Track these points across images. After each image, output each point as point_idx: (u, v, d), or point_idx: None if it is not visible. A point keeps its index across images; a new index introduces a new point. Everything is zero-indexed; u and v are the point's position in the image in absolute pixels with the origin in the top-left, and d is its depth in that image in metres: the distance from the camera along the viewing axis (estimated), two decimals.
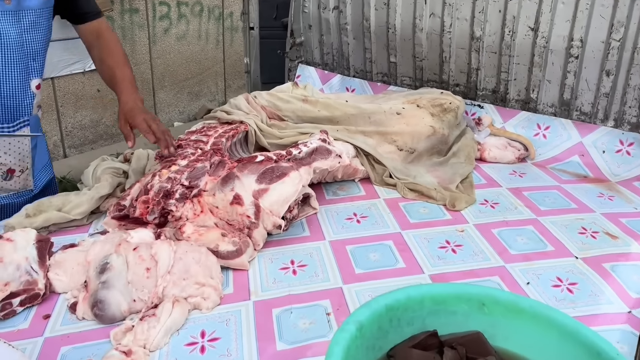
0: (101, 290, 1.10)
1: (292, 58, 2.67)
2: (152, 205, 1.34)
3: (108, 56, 1.60)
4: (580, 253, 1.35)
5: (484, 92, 2.15)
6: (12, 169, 1.50)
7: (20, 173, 1.54)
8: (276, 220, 1.30)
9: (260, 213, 1.30)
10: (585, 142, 1.93)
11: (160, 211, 1.34)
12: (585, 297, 1.18)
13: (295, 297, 1.16)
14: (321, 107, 1.87)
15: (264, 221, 1.30)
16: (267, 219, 1.30)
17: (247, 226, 1.30)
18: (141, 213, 1.34)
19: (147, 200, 1.35)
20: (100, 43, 1.61)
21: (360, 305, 0.89)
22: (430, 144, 1.83)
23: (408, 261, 1.30)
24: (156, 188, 1.37)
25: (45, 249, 1.22)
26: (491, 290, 0.95)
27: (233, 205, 1.31)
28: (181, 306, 1.09)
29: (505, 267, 1.28)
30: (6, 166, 1.50)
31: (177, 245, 1.20)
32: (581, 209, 1.58)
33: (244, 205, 1.31)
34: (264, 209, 1.30)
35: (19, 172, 1.52)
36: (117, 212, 1.37)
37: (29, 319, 1.10)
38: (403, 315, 0.92)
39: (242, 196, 1.32)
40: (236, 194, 1.32)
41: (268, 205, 1.31)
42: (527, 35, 1.93)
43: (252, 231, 1.29)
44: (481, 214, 1.54)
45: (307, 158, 1.54)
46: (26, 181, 1.59)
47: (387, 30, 2.26)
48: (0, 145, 1.47)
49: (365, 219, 1.50)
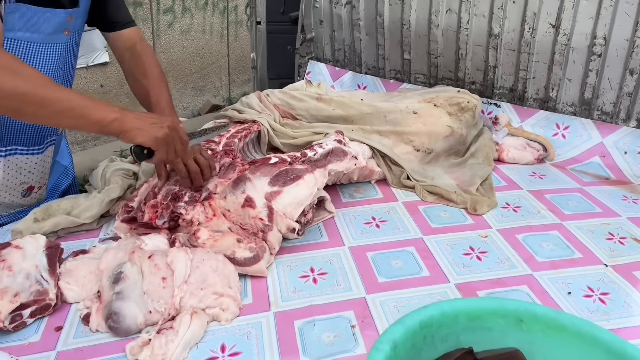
0: (116, 301, 1.05)
1: (303, 54, 2.61)
2: (160, 209, 1.29)
3: (142, 75, 1.45)
4: (610, 260, 1.30)
5: (500, 91, 2.09)
6: (32, 187, 1.47)
7: (38, 189, 1.50)
8: (290, 223, 1.25)
9: (274, 215, 1.25)
10: (606, 142, 1.87)
11: (169, 215, 1.29)
12: (619, 308, 1.13)
13: (317, 308, 1.11)
14: (336, 106, 1.82)
15: (277, 224, 1.25)
16: (280, 221, 1.25)
17: (260, 229, 1.25)
18: (150, 218, 1.29)
19: (156, 204, 1.30)
20: (133, 58, 1.48)
21: (393, 322, 0.84)
22: (448, 144, 1.78)
23: (432, 269, 1.25)
24: (164, 191, 1.33)
25: (56, 256, 1.17)
26: (529, 305, 0.91)
27: (245, 208, 1.26)
28: (200, 318, 1.04)
29: (533, 276, 1.24)
30: (27, 184, 1.46)
31: (194, 253, 1.15)
32: (606, 213, 1.53)
33: (256, 208, 1.26)
34: (277, 212, 1.25)
35: (37, 189, 1.49)
36: (125, 214, 1.32)
37: (40, 331, 1.05)
38: (437, 332, 0.87)
39: (254, 199, 1.27)
40: (247, 197, 1.27)
41: (281, 208, 1.27)
42: (548, 33, 1.87)
43: (266, 234, 1.24)
44: (504, 218, 1.49)
45: (322, 160, 1.49)
46: (40, 196, 1.55)
47: (402, 26, 2.20)
48: (26, 165, 1.43)
49: (385, 223, 1.45)
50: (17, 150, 1.39)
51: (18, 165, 1.40)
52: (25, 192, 1.46)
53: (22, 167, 1.41)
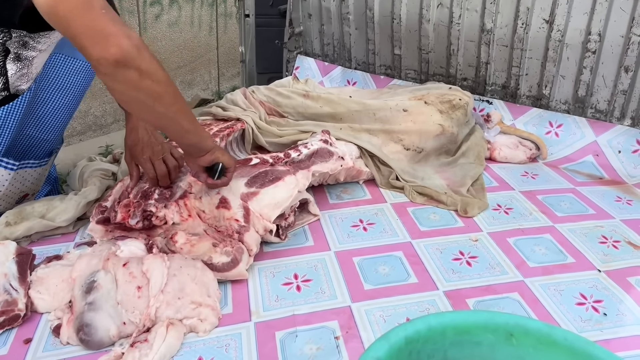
0: (87, 312, 1.00)
1: (291, 49, 2.55)
2: (132, 208, 1.24)
3: None
4: (603, 265, 1.26)
5: (493, 87, 2.04)
6: (26, 194, 1.44)
7: (32, 195, 1.47)
8: (267, 224, 1.20)
9: (250, 216, 1.20)
10: (600, 141, 1.84)
11: (141, 214, 1.24)
12: (613, 317, 1.10)
13: (300, 318, 1.06)
14: (323, 103, 1.76)
15: (254, 225, 1.20)
16: (257, 222, 1.20)
17: (236, 231, 1.20)
18: (123, 217, 1.24)
19: (128, 203, 1.25)
20: None
21: (377, 338, 0.80)
22: (438, 143, 1.73)
23: (420, 275, 1.21)
24: (135, 190, 1.29)
25: (27, 264, 1.12)
26: (520, 319, 0.87)
27: (219, 209, 1.22)
28: (176, 329, 0.99)
29: (524, 282, 1.20)
30: (24, 192, 1.43)
31: (171, 260, 1.10)
32: (600, 214, 1.49)
33: (231, 209, 1.21)
34: (254, 212, 1.21)
35: (30, 196, 1.46)
36: (99, 214, 1.26)
37: (8, 343, 1.00)
38: (423, 348, 0.83)
39: (229, 199, 1.22)
40: (222, 197, 1.23)
41: (258, 209, 1.22)
42: (542, 28, 1.82)
43: (242, 235, 1.19)
44: (495, 220, 1.45)
45: (306, 161, 1.44)
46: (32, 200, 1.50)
47: (392, 20, 2.15)
48: (31, 176, 1.39)
49: (372, 226, 1.41)
50: (29, 164, 1.35)
51: (24, 177, 1.38)
52: (20, 199, 1.43)
53: (26, 179, 1.39)
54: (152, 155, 1.26)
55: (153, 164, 1.26)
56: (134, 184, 1.30)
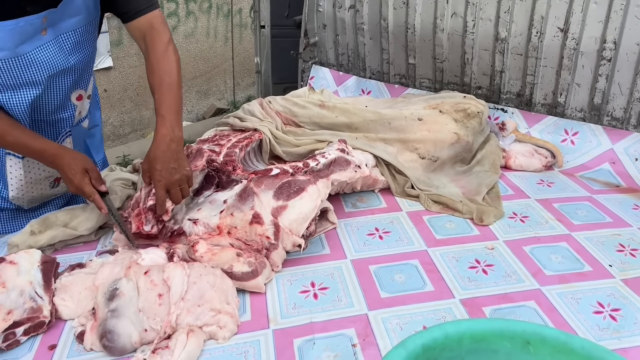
0: (110, 319, 1.02)
1: (306, 59, 2.58)
2: (144, 215, 1.27)
3: (150, 73, 1.33)
4: (620, 274, 1.26)
5: (507, 96, 2.05)
6: (58, 178, 1.51)
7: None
8: (296, 239, 1.22)
9: (280, 233, 1.23)
10: (616, 149, 1.83)
11: (154, 218, 1.27)
12: (631, 326, 1.09)
13: (317, 325, 1.08)
14: (339, 113, 1.78)
15: (283, 241, 1.22)
16: (286, 238, 1.22)
17: (265, 247, 1.22)
18: (137, 226, 1.27)
19: (139, 212, 1.28)
20: (145, 51, 1.37)
21: (395, 345, 0.81)
22: (453, 152, 1.74)
23: (436, 283, 1.22)
24: (143, 196, 1.30)
25: (51, 271, 1.15)
26: (536, 327, 0.87)
27: (253, 225, 1.24)
28: (196, 336, 1.01)
29: (541, 290, 1.20)
30: (53, 177, 1.51)
31: (191, 268, 1.12)
32: (617, 223, 1.49)
33: (264, 225, 1.23)
34: (284, 229, 1.23)
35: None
36: None
37: (34, 349, 1.03)
38: (440, 356, 0.84)
39: (262, 215, 1.25)
40: (255, 213, 1.25)
41: (287, 224, 1.24)
42: (556, 37, 1.83)
43: (270, 252, 1.21)
44: (511, 228, 1.45)
45: (325, 170, 1.46)
46: None
47: (406, 30, 2.16)
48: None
49: (388, 234, 1.42)
50: None
51: (38, 162, 1.42)
52: (52, 183, 1.51)
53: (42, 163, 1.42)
54: (168, 184, 1.23)
55: (169, 191, 1.24)
56: (147, 193, 1.28)
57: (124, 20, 1.39)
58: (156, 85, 1.30)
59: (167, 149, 1.23)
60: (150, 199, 1.26)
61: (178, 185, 1.24)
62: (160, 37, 1.35)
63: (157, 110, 1.27)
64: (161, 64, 1.32)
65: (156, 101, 1.28)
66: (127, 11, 1.36)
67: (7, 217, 1.52)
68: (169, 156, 1.22)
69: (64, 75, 1.37)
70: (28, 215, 1.53)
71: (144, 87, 4.14)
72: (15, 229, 1.50)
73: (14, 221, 1.53)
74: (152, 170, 1.23)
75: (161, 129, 1.24)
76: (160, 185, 1.22)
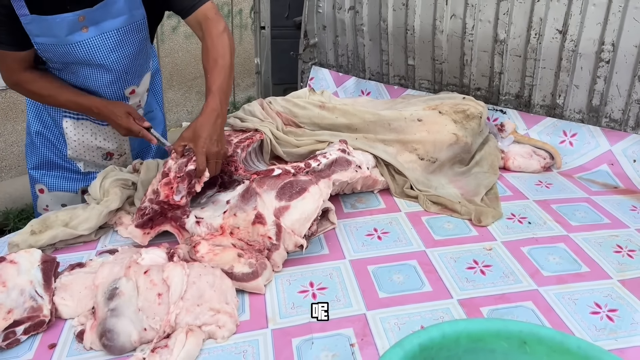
0: (110, 318, 1.03)
1: (306, 60, 2.59)
2: (176, 184, 1.29)
3: (205, 55, 1.44)
4: (618, 275, 1.27)
5: (506, 97, 2.06)
6: (110, 152, 1.71)
7: (119, 157, 1.73)
8: (298, 240, 1.23)
9: (282, 233, 1.23)
10: (614, 150, 1.83)
11: (187, 187, 1.29)
12: (627, 326, 1.10)
13: (316, 325, 1.09)
14: (339, 114, 1.79)
15: (285, 241, 1.23)
16: (288, 239, 1.23)
17: (267, 247, 1.23)
18: (166, 195, 1.29)
19: (169, 181, 1.30)
20: (202, 39, 1.47)
21: (392, 345, 0.81)
22: (452, 153, 1.74)
23: (434, 284, 1.22)
24: (175, 167, 1.32)
25: (51, 271, 1.15)
26: (533, 327, 0.88)
27: (255, 225, 1.24)
28: (195, 336, 1.02)
29: (538, 291, 1.20)
30: (105, 150, 1.70)
31: (190, 268, 1.13)
32: (615, 224, 1.50)
33: (267, 225, 1.24)
34: (285, 229, 1.23)
35: (117, 156, 1.73)
36: (140, 218, 1.32)
37: (34, 348, 1.03)
38: (437, 355, 0.85)
39: (264, 215, 1.25)
40: (258, 213, 1.25)
41: (289, 225, 1.24)
42: (555, 39, 1.83)
43: (271, 253, 1.22)
44: (509, 229, 1.46)
45: (326, 170, 1.46)
46: (125, 162, 1.75)
47: (406, 31, 2.17)
48: (99, 131, 1.66)
49: (387, 235, 1.43)
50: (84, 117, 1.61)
51: (91, 129, 1.65)
52: (105, 156, 1.70)
53: (95, 132, 1.65)
54: (209, 154, 1.30)
55: (208, 161, 1.31)
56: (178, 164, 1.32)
57: (182, 17, 1.50)
58: (210, 66, 1.41)
59: (214, 123, 1.32)
60: (192, 164, 1.30)
61: (216, 158, 1.32)
62: (215, 25, 1.46)
63: (208, 88, 1.38)
64: (216, 47, 1.43)
65: (208, 80, 1.40)
66: (182, 8, 1.48)
67: (64, 176, 1.71)
68: (213, 129, 1.32)
69: (107, 72, 1.50)
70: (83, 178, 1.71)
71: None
72: (69, 189, 1.71)
73: (70, 181, 1.71)
74: (196, 138, 1.31)
75: (211, 103, 1.34)
76: (202, 152, 1.29)
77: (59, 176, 1.70)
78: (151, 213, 1.31)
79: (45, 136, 1.66)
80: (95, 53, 1.44)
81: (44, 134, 1.66)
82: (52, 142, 1.67)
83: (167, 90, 4.47)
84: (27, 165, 1.73)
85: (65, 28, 1.37)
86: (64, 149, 1.67)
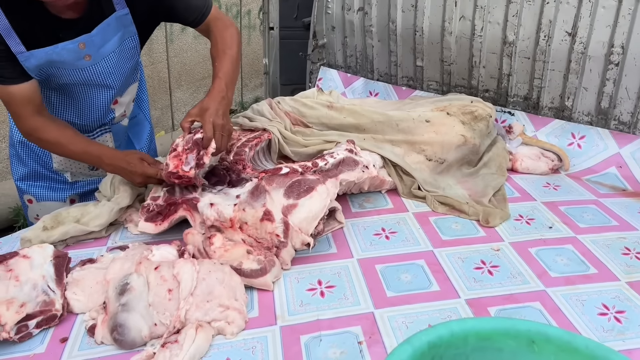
0: (121, 313, 1.04)
1: (314, 60, 2.60)
2: (185, 155, 1.31)
3: (213, 46, 1.49)
4: (626, 277, 1.27)
5: (515, 99, 2.06)
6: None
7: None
8: (305, 238, 1.24)
9: (289, 231, 1.24)
10: (623, 152, 1.83)
11: (196, 157, 1.31)
12: (635, 328, 1.10)
13: (324, 323, 1.09)
14: (347, 114, 1.80)
15: (292, 239, 1.24)
16: (296, 237, 1.24)
17: (275, 245, 1.24)
18: (175, 166, 1.31)
19: (178, 154, 1.32)
20: (212, 35, 1.51)
21: (401, 342, 0.82)
22: (460, 154, 1.75)
23: (442, 283, 1.23)
24: (182, 142, 1.34)
25: (63, 266, 1.17)
26: (541, 326, 0.88)
27: (263, 222, 1.25)
28: (205, 332, 1.03)
29: (546, 292, 1.21)
30: None
31: (200, 264, 1.14)
32: (623, 226, 1.49)
33: (275, 223, 1.25)
34: (293, 227, 1.24)
35: None
36: (146, 213, 1.35)
37: (46, 342, 1.05)
38: (446, 353, 0.85)
39: (273, 212, 1.26)
40: (267, 210, 1.26)
41: (297, 223, 1.25)
42: (564, 41, 1.84)
43: (280, 250, 1.23)
44: (516, 230, 1.46)
45: (334, 170, 1.47)
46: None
47: (414, 33, 2.18)
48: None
49: (395, 234, 1.43)
50: None
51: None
52: (90, 166, 1.66)
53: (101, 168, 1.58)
54: (215, 125, 1.32)
55: (215, 132, 1.33)
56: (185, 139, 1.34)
57: (193, 27, 1.54)
58: (218, 55, 1.45)
59: (220, 101, 1.35)
60: (200, 132, 1.32)
61: (222, 131, 1.34)
62: (222, 22, 1.52)
63: (215, 74, 1.41)
64: (224, 39, 1.47)
65: (215, 68, 1.43)
66: (192, 20, 1.50)
67: (51, 187, 1.68)
68: (219, 107, 1.35)
69: (99, 92, 1.51)
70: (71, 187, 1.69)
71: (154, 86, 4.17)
72: (57, 199, 1.68)
73: (57, 192, 1.69)
74: (203, 111, 1.34)
75: (217, 86, 1.38)
76: (209, 121, 1.32)
77: (46, 187, 1.68)
78: (156, 209, 1.34)
79: (29, 147, 1.63)
80: (97, 77, 1.45)
81: (28, 145, 1.62)
82: (37, 154, 1.64)
83: (175, 90, 4.49)
84: (13, 177, 1.70)
85: (66, 56, 1.36)
86: (49, 162, 1.64)
